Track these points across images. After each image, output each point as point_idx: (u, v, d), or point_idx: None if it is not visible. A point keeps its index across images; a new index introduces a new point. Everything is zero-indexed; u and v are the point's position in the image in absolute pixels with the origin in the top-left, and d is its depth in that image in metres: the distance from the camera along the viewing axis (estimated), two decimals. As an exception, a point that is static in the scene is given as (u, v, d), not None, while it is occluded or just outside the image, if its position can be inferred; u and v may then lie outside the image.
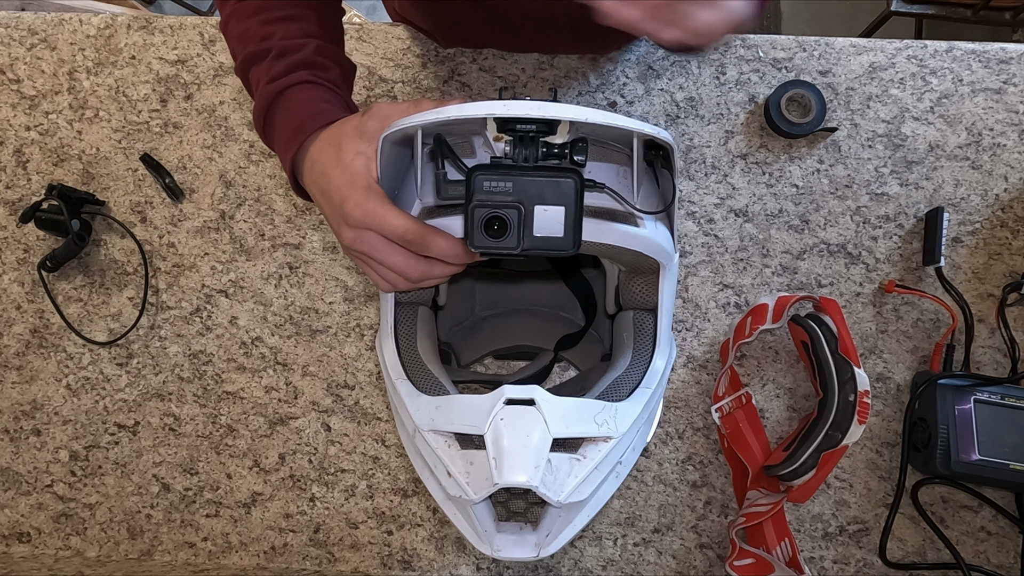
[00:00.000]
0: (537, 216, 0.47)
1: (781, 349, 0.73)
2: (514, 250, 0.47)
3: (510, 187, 0.46)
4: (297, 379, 0.74)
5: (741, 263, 0.75)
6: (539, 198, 0.46)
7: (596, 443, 0.52)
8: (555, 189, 0.46)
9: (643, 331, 0.59)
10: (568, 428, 0.50)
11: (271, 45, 0.57)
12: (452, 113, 0.45)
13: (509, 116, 0.45)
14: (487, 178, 0.46)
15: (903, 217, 0.75)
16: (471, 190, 0.46)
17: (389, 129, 0.49)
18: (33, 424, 0.75)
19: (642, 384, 0.57)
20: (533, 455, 0.47)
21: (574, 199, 0.46)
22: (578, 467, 0.51)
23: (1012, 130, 0.76)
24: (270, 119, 0.57)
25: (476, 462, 0.50)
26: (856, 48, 0.77)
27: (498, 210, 0.46)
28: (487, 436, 0.48)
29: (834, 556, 0.71)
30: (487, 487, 0.48)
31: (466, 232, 0.47)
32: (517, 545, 0.54)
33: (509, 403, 0.49)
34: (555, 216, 0.47)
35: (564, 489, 0.49)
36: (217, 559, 0.73)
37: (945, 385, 0.68)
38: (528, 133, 0.47)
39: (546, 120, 0.46)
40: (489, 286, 0.73)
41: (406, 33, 0.79)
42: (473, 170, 0.46)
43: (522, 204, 0.46)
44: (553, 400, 0.50)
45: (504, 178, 0.46)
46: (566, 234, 0.47)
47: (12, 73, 0.79)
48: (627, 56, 0.78)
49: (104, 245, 0.77)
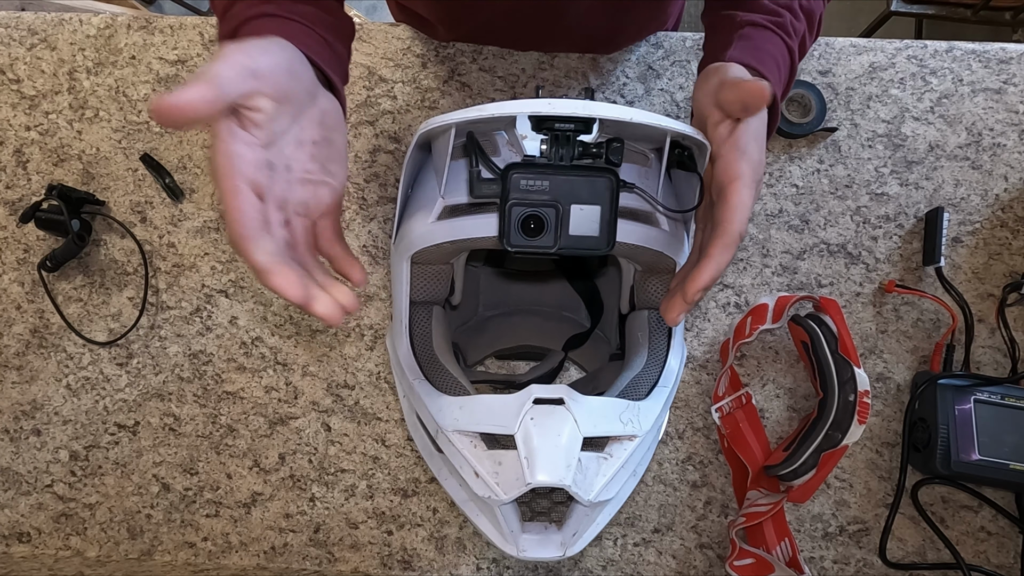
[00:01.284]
0: (573, 215, 0.47)
1: (781, 349, 0.73)
2: (550, 248, 0.47)
3: (547, 186, 0.46)
4: (297, 379, 0.74)
5: (741, 263, 0.75)
6: (575, 197, 0.46)
7: (621, 442, 0.52)
8: (591, 188, 0.46)
9: (658, 330, 0.59)
10: (596, 427, 0.50)
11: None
12: (493, 111, 0.45)
13: (553, 115, 0.45)
14: (524, 176, 0.46)
15: (903, 217, 0.75)
16: (507, 189, 0.46)
17: (424, 127, 0.48)
18: (33, 424, 0.75)
19: (659, 383, 0.57)
20: (564, 454, 0.47)
21: (610, 199, 0.46)
22: (605, 466, 0.51)
23: (1012, 130, 0.76)
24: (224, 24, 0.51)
25: (505, 462, 0.50)
26: (856, 48, 0.77)
27: (535, 209, 0.46)
28: (518, 436, 0.48)
29: (834, 556, 0.71)
30: (518, 487, 0.48)
31: (501, 231, 0.46)
32: (542, 545, 0.54)
33: (538, 402, 0.49)
34: (591, 215, 0.47)
35: (593, 488, 0.50)
36: (217, 559, 0.73)
37: (945, 385, 0.68)
38: (566, 132, 0.46)
39: (585, 119, 0.46)
40: (493, 286, 0.73)
41: (406, 33, 0.79)
42: (509, 168, 0.46)
43: (559, 203, 0.46)
44: (581, 399, 0.50)
45: (541, 177, 0.46)
46: (601, 233, 0.47)
47: (12, 73, 0.79)
48: (627, 56, 0.78)
49: (104, 245, 0.77)
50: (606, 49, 0.78)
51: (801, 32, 0.58)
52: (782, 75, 0.56)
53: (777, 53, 0.56)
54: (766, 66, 0.54)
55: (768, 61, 0.54)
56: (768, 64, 0.54)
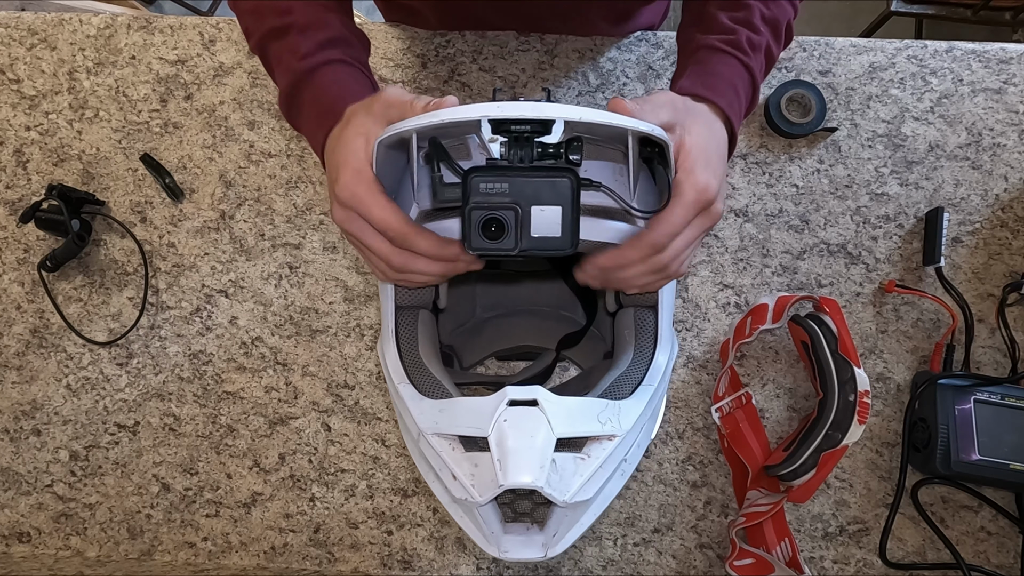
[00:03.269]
0: (534, 216, 0.46)
1: (781, 349, 0.73)
2: (512, 251, 0.47)
3: (506, 188, 0.46)
4: (297, 379, 0.74)
5: (741, 263, 0.75)
6: (535, 198, 0.46)
7: (600, 442, 0.52)
8: (551, 189, 0.46)
9: (644, 328, 0.59)
10: (572, 427, 0.50)
11: (293, 20, 0.55)
12: (446, 116, 0.45)
13: (503, 118, 0.45)
14: (483, 180, 0.46)
15: (903, 217, 0.75)
16: (467, 192, 0.46)
17: (383, 134, 0.48)
18: (33, 424, 0.75)
19: (644, 381, 0.57)
20: (538, 455, 0.47)
21: (571, 198, 0.46)
22: (583, 466, 0.51)
23: (1012, 130, 0.76)
24: (299, 97, 0.55)
25: (481, 464, 0.50)
26: (856, 48, 0.77)
27: (495, 211, 0.46)
28: (491, 438, 0.48)
29: (834, 556, 0.71)
30: (492, 489, 0.48)
31: (463, 234, 0.47)
32: (524, 546, 0.54)
33: (512, 404, 0.49)
34: (552, 216, 0.47)
35: (569, 489, 0.49)
36: (217, 559, 0.73)
37: (945, 385, 0.68)
38: (523, 134, 0.46)
39: (540, 120, 0.46)
40: (489, 287, 0.73)
41: (406, 33, 0.79)
42: (469, 172, 0.46)
43: (519, 205, 0.46)
44: (556, 400, 0.50)
45: (500, 179, 0.46)
46: (564, 234, 0.47)
47: (12, 73, 0.79)
48: (627, 56, 0.78)
49: (104, 245, 0.77)
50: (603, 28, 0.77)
51: (763, 44, 0.58)
52: (740, 96, 0.57)
53: (732, 75, 0.57)
54: (718, 92, 0.55)
55: (720, 86, 0.56)
56: (720, 89, 0.55)
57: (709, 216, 0.51)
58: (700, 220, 0.50)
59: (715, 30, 0.58)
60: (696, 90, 0.55)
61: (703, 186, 0.49)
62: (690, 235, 0.50)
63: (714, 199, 0.50)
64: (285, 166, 0.77)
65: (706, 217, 0.51)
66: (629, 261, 0.50)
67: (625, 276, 0.51)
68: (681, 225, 0.49)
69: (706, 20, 0.59)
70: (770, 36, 0.59)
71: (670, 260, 0.50)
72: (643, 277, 0.51)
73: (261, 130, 0.78)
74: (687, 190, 0.49)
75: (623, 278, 0.51)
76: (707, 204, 0.50)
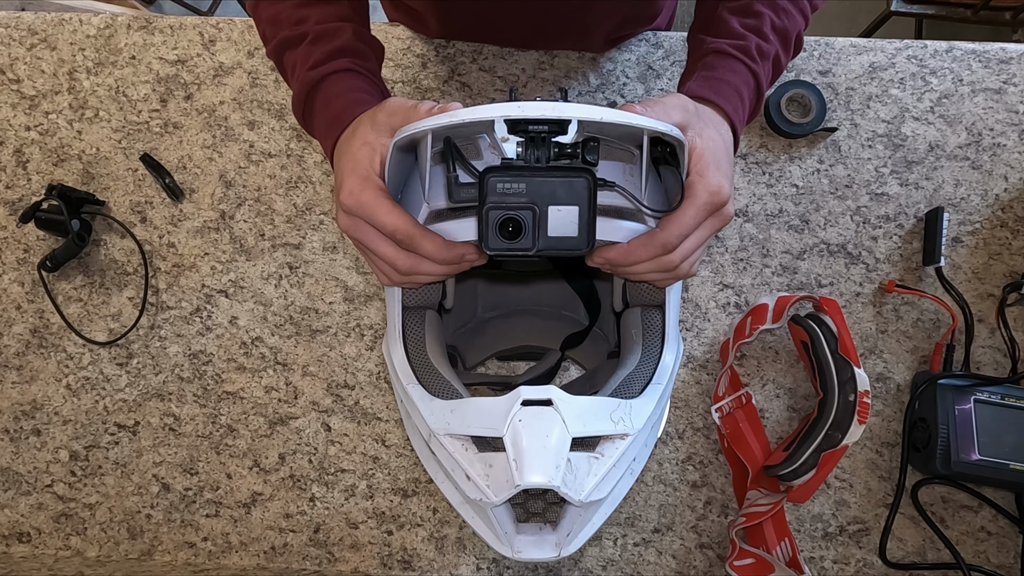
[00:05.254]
0: (551, 216, 0.47)
1: (781, 349, 0.73)
2: (529, 251, 0.47)
3: (523, 188, 0.46)
4: (297, 379, 0.74)
5: (741, 263, 0.75)
6: (552, 198, 0.46)
7: (613, 441, 0.52)
8: (568, 189, 0.46)
9: (652, 328, 0.59)
10: (586, 427, 0.50)
11: (307, 29, 0.56)
12: (466, 116, 0.45)
13: (523, 118, 0.45)
14: (500, 180, 0.46)
15: (903, 217, 0.75)
16: (484, 192, 0.46)
17: (399, 135, 0.48)
18: (33, 424, 0.75)
19: (653, 380, 0.57)
20: (553, 455, 0.47)
21: (587, 198, 0.46)
22: (596, 465, 0.51)
23: (1012, 130, 0.76)
24: (310, 106, 0.57)
25: (495, 464, 0.50)
26: (856, 48, 0.77)
27: (512, 211, 0.46)
28: (506, 438, 0.48)
29: (834, 556, 0.71)
30: (508, 489, 0.48)
31: (480, 234, 0.47)
32: (537, 546, 0.54)
33: (526, 404, 0.49)
34: (569, 216, 0.47)
35: (584, 488, 0.49)
36: (217, 559, 0.73)
37: (945, 385, 0.68)
38: (540, 134, 0.46)
39: (559, 120, 0.46)
40: (491, 287, 0.73)
41: (406, 33, 0.79)
42: (485, 172, 0.46)
43: (536, 205, 0.46)
44: (570, 399, 0.50)
45: (517, 179, 0.46)
46: (580, 234, 0.47)
47: (12, 73, 0.79)
48: (627, 56, 0.78)
49: (104, 245, 0.77)
50: (598, 47, 0.78)
51: (772, 53, 0.59)
52: (745, 101, 0.58)
53: (738, 81, 0.57)
54: (724, 96, 0.56)
55: (726, 91, 0.56)
56: (726, 93, 0.56)
57: (720, 218, 0.51)
58: (711, 222, 0.51)
59: (726, 35, 0.59)
60: (703, 93, 0.56)
61: (716, 188, 0.50)
62: (701, 236, 0.51)
63: (726, 201, 0.51)
64: (285, 166, 0.77)
65: (717, 219, 0.51)
66: (639, 259, 0.50)
67: (633, 271, 0.52)
68: (693, 226, 0.50)
69: (718, 24, 0.60)
70: (779, 46, 0.60)
71: (680, 260, 0.51)
72: (651, 275, 0.52)
73: (261, 130, 0.78)
74: (700, 192, 0.49)
75: (631, 272, 0.52)
76: (719, 206, 0.50)
